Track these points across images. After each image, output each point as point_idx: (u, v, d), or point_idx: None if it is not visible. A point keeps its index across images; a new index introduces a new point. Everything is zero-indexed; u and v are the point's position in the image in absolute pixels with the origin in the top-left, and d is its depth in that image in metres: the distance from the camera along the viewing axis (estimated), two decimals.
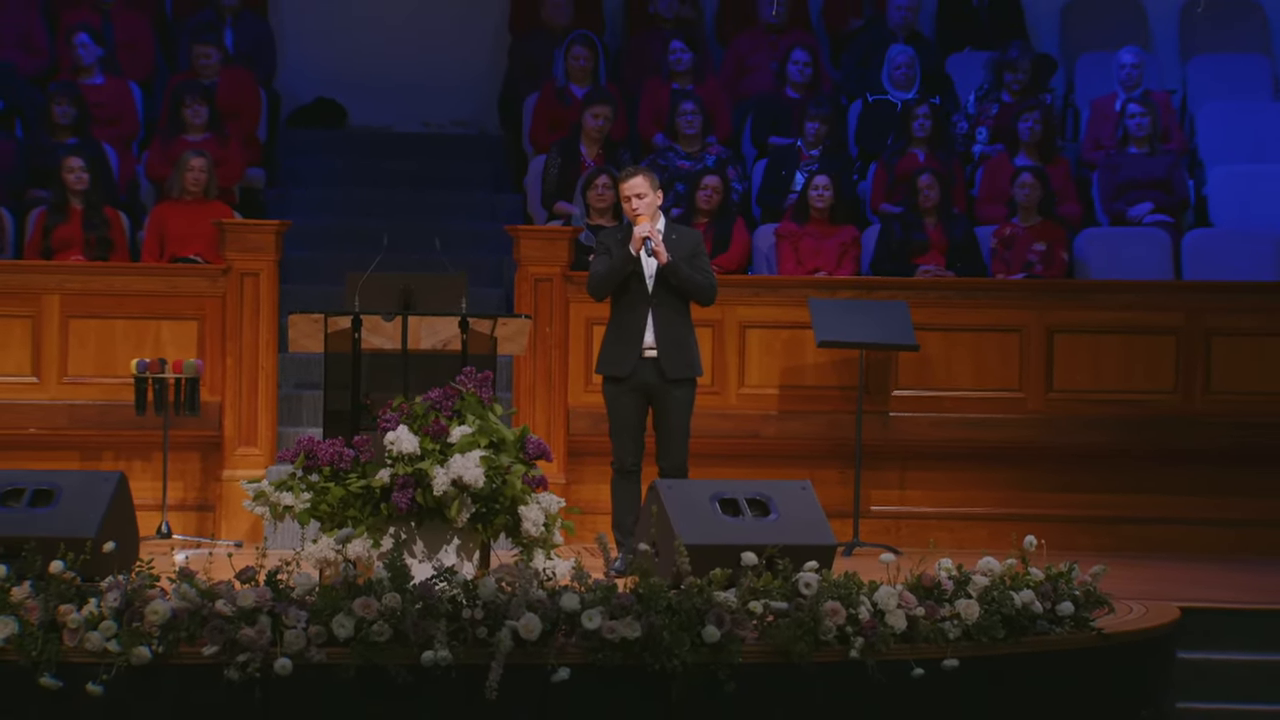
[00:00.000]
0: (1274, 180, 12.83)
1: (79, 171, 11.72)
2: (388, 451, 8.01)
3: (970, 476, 11.12)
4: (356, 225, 12.32)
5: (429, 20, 14.36)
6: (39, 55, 13.29)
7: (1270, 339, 11.20)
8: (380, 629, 7.12)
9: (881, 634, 7.43)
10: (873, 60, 13.38)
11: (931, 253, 11.91)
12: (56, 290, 11.02)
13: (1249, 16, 14.23)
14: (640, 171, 9.61)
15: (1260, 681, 8.74)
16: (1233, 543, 10.94)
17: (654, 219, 9.46)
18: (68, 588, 7.23)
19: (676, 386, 9.48)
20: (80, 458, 10.75)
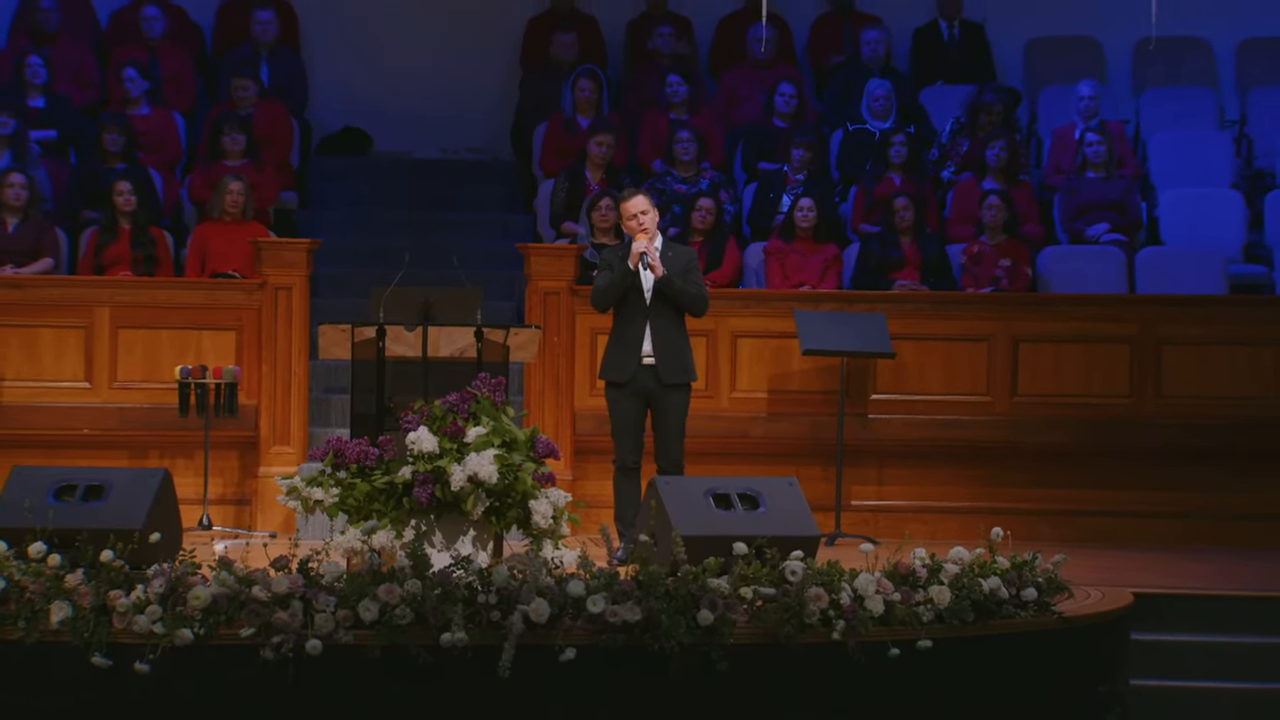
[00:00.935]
0: (1219, 203, 12.83)
1: (127, 194, 11.74)
2: (409, 450, 8.01)
3: (942, 473, 11.11)
4: (381, 244, 12.31)
5: (447, 56, 14.37)
6: (91, 88, 13.30)
7: (1216, 348, 11.20)
8: (402, 613, 7.11)
9: (861, 617, 7.42)
10: (853, 93, 13.39)
11: (907, 269, 11.90)
12: (107, 303, 11.02)
13: (1196, 54, 14.23)
14: (640, 191, 9.65)
15: (1207, 661, 8.75)
16: (1181, 533, 10.94)
17: (652, 237, 9.47)
18: (117, 575, 7.23)
19: (673, 390, 9.48)
20: (128, 456, 10.76)
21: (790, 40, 14.15)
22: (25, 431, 10.77)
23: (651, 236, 9.45)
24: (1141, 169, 13.23)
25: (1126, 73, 14.24)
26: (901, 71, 13.85)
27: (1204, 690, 8.65)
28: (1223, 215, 12.76)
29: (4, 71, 13.22)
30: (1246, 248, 12.70)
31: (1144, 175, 13.19)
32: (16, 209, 11.70)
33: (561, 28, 14.03)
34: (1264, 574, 9.66)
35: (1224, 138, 13.58)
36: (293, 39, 14.05)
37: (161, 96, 13.16)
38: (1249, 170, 13.45)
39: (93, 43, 13.68)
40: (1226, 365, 11.18)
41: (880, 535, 10.41)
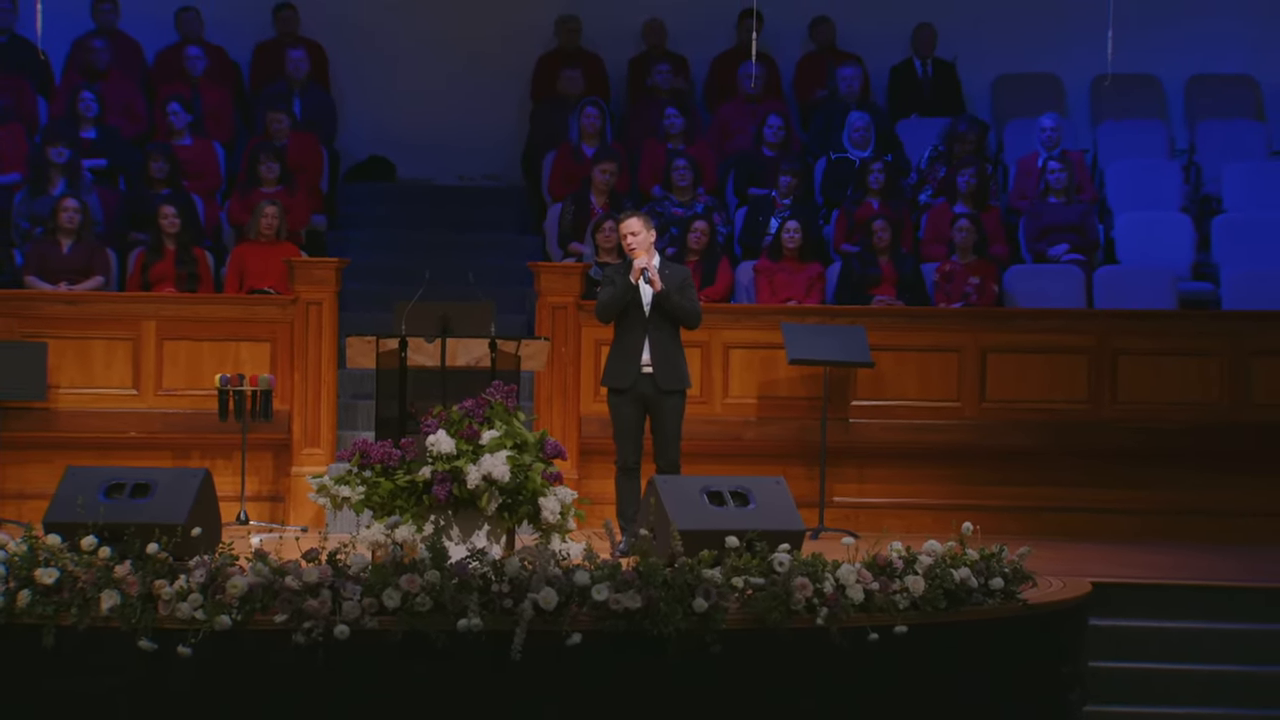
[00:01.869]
0: (1170, 225, 12.83)
1: (172, 218, 11.75)
2: (429, 452, 8.00)
3: (917, 473, 11.10)
4: (403, 263, 12.30)
5: (463, 90, 14.36)
6: (138, 121, 13.31)
7: (1167, 358, 11.20)
8: (422, 601, 7.11)
9: (843, 605, 7.42)
10: (835, 125, 13.39)
11: (884, 285, 11.90)
12: (153, 317, 11.02)
13: (1148, 89, 14.23)
14: (636, 214, 9.67)
15: (1159, 645, 8.75)
16: (1136, 528, 10.93)
17: (650, 255, 9.47)
18: (162, 566, 7.23)
19: (670, 397, 9.48)
20: (172, 457, 10.76)
21: (777, 77, 14.15)
22: (78, 434, 10.77)
23: (649, 254, 9.46)
24: (1099, 194, 13.22)
25: (1085, 107, 14.23)
26: (879, 105, 13.85)
27: (1157, 671, 8.64)
28: (1173, 237, 12.76)
29: (59, 106, 13.24)
30: (1194, 266, 12.69)
31: (1101, 200, 13.19)
32: (70, 231, 11.70)
33: (568, 64, 14.04)
34: (1212, 565, 9.66)
35: (1174, 166, 13.57)
36: (323, 76, 14.06)
37: (203, 128, 13.17)
38: (1196, 196, 13.44)
39: (140, 79, 13.69)
40: (1177, 374, 11.17)
41: (860, 530, 10.40)
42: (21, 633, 7.13)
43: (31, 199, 12.24)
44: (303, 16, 14.16)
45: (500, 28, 14.32)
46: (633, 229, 9.46)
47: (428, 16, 14.35)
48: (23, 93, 13.26)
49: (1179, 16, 14.28)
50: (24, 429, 10.69)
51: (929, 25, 14.17)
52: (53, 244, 11.72)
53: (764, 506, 8.20)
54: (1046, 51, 14.31)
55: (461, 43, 14.35)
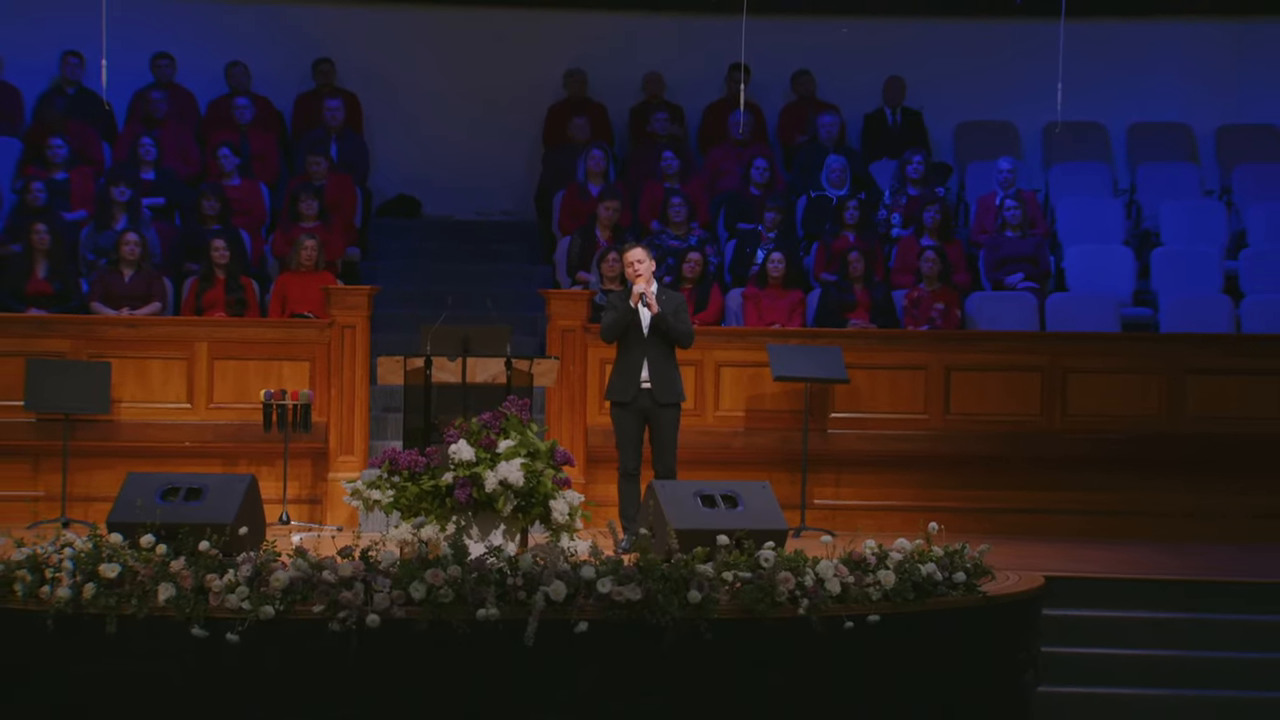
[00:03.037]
0: (1113, 257, 12.84)
1: (222, 250, 11.76)
2: (451, 459, 8.01)
3: (888, 478, 11.10)
4: (428, 290, 12.31)
5: (482, 136, 14.38)
6: (192, 164, 13.33)
7: (1112, 375, 11.21)
8: (446, 593, 7.11)
9: (822, 596, 7.42)
10: (815, 166, 13.40)
11: (859, 310, 11.90)
12: (205, 339, 11.02)
13: (1094, 135, 14.26)
14: (639, 245, 9.71)
15: (1105, 632, 8.74)
16: (1084, 527, 10.93)
17: (649, 282, 9.49)
18: (212, 561, 7.23)
19: (667, 409, 9.48)
20: (222, 464, 10.77)
21: (763, 124, 14.17)
22: (138, 443, 10.77)
23: (648, 281, 9.48)
24: (1050, 229, 13.24)
25: (1038, 151, 14.26)
26: (854, 149, 13.87)
27: (1103, 656, 8.64)
28: (1116, 267, 12.77)
29: (122, 151, 13.26)
30: (1136, 294, 12.70)
31: (1052, 234, 13.20)
32: (132, 262, 11.72)
33: (576, 113, 14.06)
34: (1153, 561, 9.66)
35: (1117, 204, 13.59)
36: (357, 123, 14.08)
37: (250, 170, 13.19)
38: (1137, 230, 13.47)
39: (194, 127, 13.71)
40: (1120, 390, 11.17)
41: (837, 529, 10.41)
42: (88, 621, 7.13)
43: (97, 233, 12.25)
44: (339, 70, 14.18)
45: (515, 80, 14.35)
46: (637, 258, 9.50)
47: (450, 70, 14.38)
48: (90, 139, 13.29)
49: (1121, 71, 14.31)
50: (90, 439, 10.70)
51: (898, 78, 14.20)
52: (116, 274, 11.73)
53: (751, 508, 8.20)
54: (1003, 102, 14.34)
55: (480, 93, 14.37)
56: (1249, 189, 13.57)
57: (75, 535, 7.61)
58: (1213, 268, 12.72)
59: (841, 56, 14.42)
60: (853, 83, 14.26)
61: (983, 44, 14.29)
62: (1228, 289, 12.56)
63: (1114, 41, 14.19)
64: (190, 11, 13.99)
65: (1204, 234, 13.08)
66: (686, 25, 14.15)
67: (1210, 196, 13.75)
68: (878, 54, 14.30)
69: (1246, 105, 14.31)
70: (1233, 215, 13.41)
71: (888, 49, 14.32)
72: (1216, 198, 13.71)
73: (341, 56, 14.22)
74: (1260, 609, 8.82)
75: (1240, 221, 13.32)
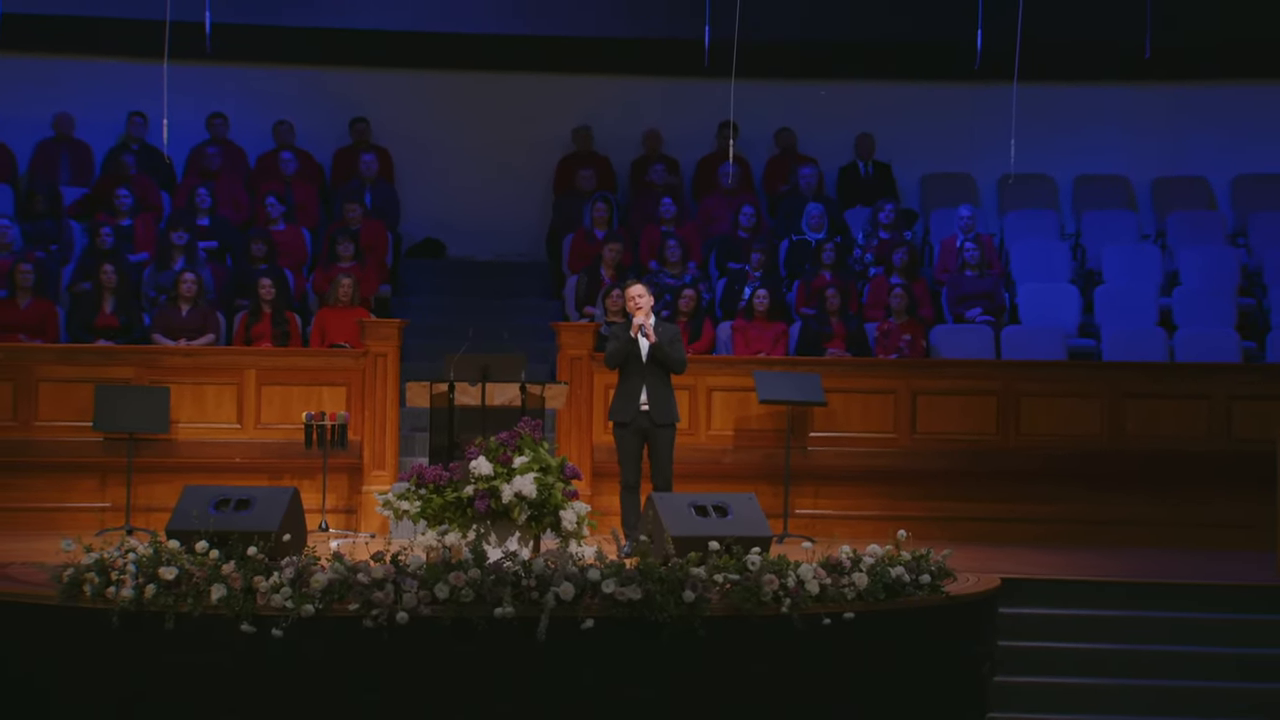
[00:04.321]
0: (1061, 294, 12.85)
1: (268, 288, 11.78)
2: (472, 473, 8.02)
3: (861, 490, 11.08)
4: (451, 323, 12.32)
5: (500, 186, 14.39)
6: (242, 212, 13.36)
7: (1059, 398, 11.19)
8: (467, 593, 7.11)
9: (803, 596, 7.42)
10: (796, 213, 13.43)
11: (835, 341, 11.92)
12: (253, 366, 11.03)
13: (1043, 186, 14.27)
14: (640, 282, 9.72)
15: (1055, 628, 8.73)
16: (1036, 534, 10.90)
17: (648, 315, 9.50)
18: (259, 565, 7.24)
19: (663, 429, 9.47)
20: (268, 478, 10.73)
21: (750, 175, 14.20)
22: (193, 460, 10.77)
23: (647, 314, 9.50)
24: (1005, 269, 13.25)
25: (993, 199, 14.28)
26: (831, 198, 13.89)
27: (1052, 649, 8.63)
28: (1063, 303, 12.78)
29: (180, 199, 13.29)
30: (1081, 326, 12.71)
31: (1007, 274, 13.21)
32: (189, 299, 11.73)
33: (583, 165, 14.09)
34: (1097, 564, 9.65)
35: (1064, 246, 13.61)
36: (388, 175, 14.11)
37: (293, 217, 13.22)
38: (1082, 270, 13.47)
39: (244, 178, 13.74)
40: (1067, 412, 11.16)
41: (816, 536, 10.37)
42: (148, 618, 7.14)
43: (158, 273, 12.28)
44: (373, 128, 14.22)
45: (528, 136, 14.37)
46: (638, 293, 9.51)
47: (471, 128, 14.41)
48: (152, 190, 13.32)
49: (1068, 128, 14.32)
50: (151, 456, 10.70)
51: (869, 135, 14.23)
52: (174, 309, 11.75)
53: (739, 517, 8.21)
54: (963, 156, 14.36)
55: (498, 148, 14.39)
56: (1181, 234, 13.59)
57: (138, 542, 7.61)
58: (1149, 304, 12.73)
59: (819, 115, 14.44)
60: (829, 139, 14.28)
61: (944, 104, 14.32)
62: (1162, 322, 12.57)
63: (1061, 103, 14.23)
64: (241, 76, 14.04)
65: (1141, 274, 13.09)
66: (682, 88, 14.18)
67: (1147, 240, 13.77)
68: (851, 113, 14.32)
69: (1179, 160, 14.34)
70: (1167, 257, 13.42)
71: (860, 109, 14.35)
72: (1152, 242, 13.73)
73: (375, 116, 14.26)
74: (1191, 607, 8.82)
75: (1174, 263, 13.33)
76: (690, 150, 14.35)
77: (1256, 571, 9.29)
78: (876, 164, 14.24)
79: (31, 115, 13.70)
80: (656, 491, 8.85)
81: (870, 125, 14.25)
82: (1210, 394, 11.11)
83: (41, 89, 13.76)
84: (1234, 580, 9.06)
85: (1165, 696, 8.45)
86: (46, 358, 10.97)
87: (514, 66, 14.33)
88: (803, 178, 13.73)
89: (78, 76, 13.88)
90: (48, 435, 10.80)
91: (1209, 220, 13.74)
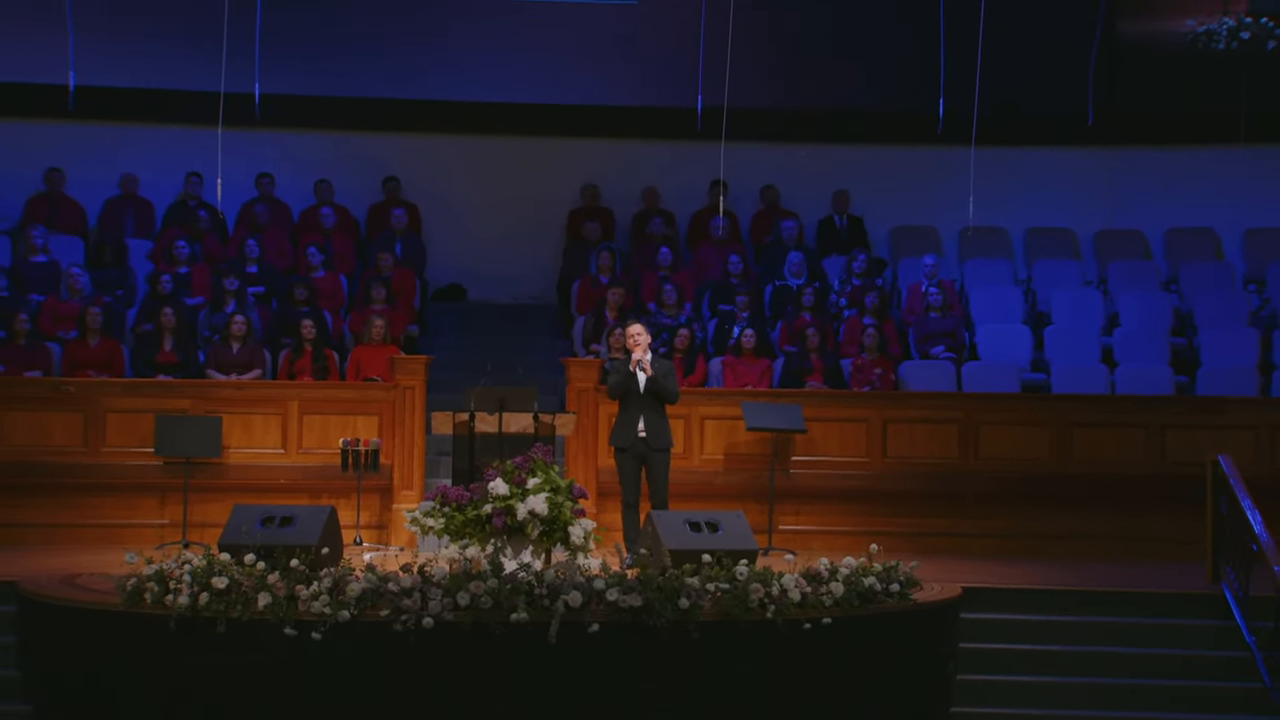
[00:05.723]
0: (1015, 334, 12.85)
1: (309, 328, 11.80)
2: (490, 493, 8.02)
3: (838, 508, 11.06)
4: (472, 358, 12.30)
5: (516, 237, 14.39)
6: (286, 260, 13.39)
7: (1014, 426, 11.17)
8: (485, 600, 7.11)
9: (785, 603, 7.42)
10: (779, 261, 13.45)
11: (814, 375, 11.93)
12: (296, 398, 11.03)
13: (999, 237, 14.29)
14: (639, 322, 9.72)
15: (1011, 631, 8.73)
16: (995, 548, 10.89)
17: (645, 352, 9.51)
18: (300, 575, 7.25)
19: (659, 453, 9.46)
20: (309, 498, 10.74)
21: (738, 227, 14.22)
22: (243, 481, 10.75)
23: (644, 351, 9.50)
24: (965, 311, 13.26)
25: (955, 249, 14.30)
26: (810, 248, 13.91)
27: (1009, 650, 8.62)
28: (1017, 342, 12.79)
29: (232, 250, 13.32)
30: (1033, 362, 12.71)
31: (967, 315, 13.22)
32: (239, 338, 11.75)
33: (590, 218, 14.11)
34: (1048, 575, 9.64)
35: (1017, 291, 13.63)
36: (416, 227, 14.14)
37: (332, 265, 13.23)
38: (1034, 313, 13.47)
39: (289, 231, 13.76)
40: (1020, 438, 11.16)
41: (797, 549, 10.39)
42: (202, 622, 7.14)
43: (212, 315, 12.30)
44: (403, 186, 14.25)
45: (541, 193, 14.39)
46: (636, 331, 9.52)
47: (490, 186, 14.43)
48: (207, 241, 13.35)
49: (1021, 187, 14.35)
50: (205, 478, 10.70)
51: (845, 191, 14.27)
52: (226, 347, 11.77)
53: (729, 532, 8.20)
54: (927, 210, 14.38)
55: (514, 204, 14.41)
56: (1121, 281, 13.61)
57: (193, 554, 7.63)
58: (1092, 343, 12.75)
59: (800, 174, 14.47)
60: (809, 195, 14.31)
61: (911, 165, 14.36)
62: (1104, 359, 12.58)
63: (1015, 164, 14.27)
64: (286, 140, 14.08)
65: (1085, 316, 13.11)
66: (678, 149, 14.22)
67: (1090, 286, 13.78)
68: (828, 173, 14.35)
69: (1118, 215, 14.39)
70: (1108, 301, 13.44)
71: (836, 169, 14.38)
72: (1095, 287, 13.74)
73: (405, 175, 14.30)
74: (1132, 612, 8.83)
75: (1114, 306, 13.35)
76: (685, 205, 14.38)
77: (1189, 580, 9.30)
78: (851, 218, 14.28)
79: (101, 176, 13.76)
80: (655, 509, 8.84)
81: (845, 183, 14.29)
82: (1147, 423, 11.12)
83: (110, 153, 13.82)
84: (1169, 588, 9.08)
85: (1109, 692, 8.45)
86: (113, 391, 10.99)
87: (528, 131, 14.38)
88: (785, 230, 13.77)
89: (142, 141, 13.94)
90: (114, 460, 10.80)
91: (1145, 269, 13.77)
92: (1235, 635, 8.61)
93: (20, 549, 10.04)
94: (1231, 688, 8.41)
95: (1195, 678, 8.48)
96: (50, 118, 13.50)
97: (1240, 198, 14.14)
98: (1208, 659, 8.55)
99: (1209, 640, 8.66)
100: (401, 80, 14.03)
